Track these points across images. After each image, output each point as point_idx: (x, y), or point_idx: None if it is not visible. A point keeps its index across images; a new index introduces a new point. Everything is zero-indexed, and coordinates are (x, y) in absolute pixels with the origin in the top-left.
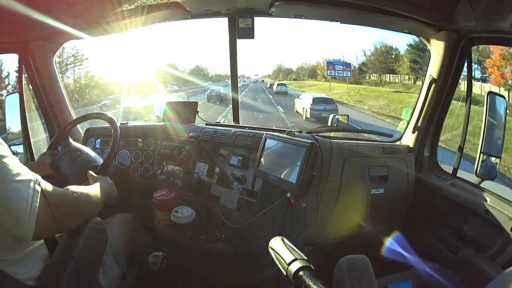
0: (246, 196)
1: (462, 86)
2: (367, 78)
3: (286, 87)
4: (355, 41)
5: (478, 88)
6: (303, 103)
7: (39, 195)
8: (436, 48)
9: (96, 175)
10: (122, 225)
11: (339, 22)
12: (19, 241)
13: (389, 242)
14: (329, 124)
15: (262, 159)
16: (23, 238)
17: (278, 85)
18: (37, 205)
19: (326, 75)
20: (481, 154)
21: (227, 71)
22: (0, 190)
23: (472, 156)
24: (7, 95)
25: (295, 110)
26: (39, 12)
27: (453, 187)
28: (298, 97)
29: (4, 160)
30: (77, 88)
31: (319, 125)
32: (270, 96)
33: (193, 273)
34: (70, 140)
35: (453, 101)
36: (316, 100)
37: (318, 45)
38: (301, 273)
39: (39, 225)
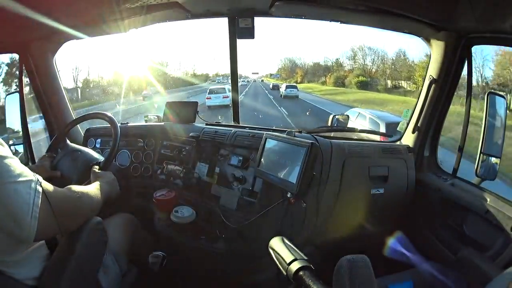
0: (246, 196)
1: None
2: None
3: (297, 90)
4: None
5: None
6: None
7: (40, 196)
8: (436, 48)
9: (99, 171)
10: (123, 225)
11: (339, 22)
12: (20, 242)
13: (389, 242)
14: (329, 124)
15: (262, 159)
16: (25, 239)
17: (287, 87)
18: (39, 206)
19: None
20: (481, 154)
21: (209, 70)
22: (1, 191)
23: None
24: (7, 95)
25: None
26: (39, 12)
27: (453, 187)
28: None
29: (5, 161)
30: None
31: None
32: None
33: (193, 273)
34: (68, 141)
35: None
36: None
37: None
38: (301, 273)
39: (40, 226)
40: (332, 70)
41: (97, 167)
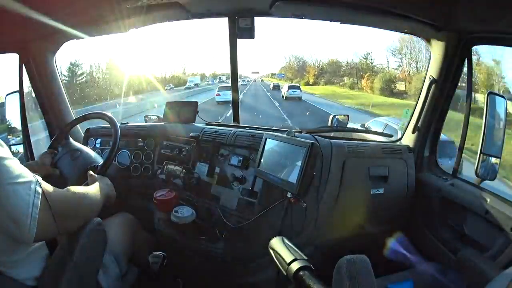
0: (246, 196)
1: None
2: None
3: (300, 91)
4: None
5: None
6: None
7: (40, 197)
8: (436, 48)
9: (95, 175)
10: (123, 225)
11: (339, 22)
12: (20, 243)
13: (389, 242)
14: (329, 124)
15: (262, 159)
16: (25, 240)
17: (289, 88)
18: (38, 207)
19: None
20: (481, 155)
21: (206, 70)
22: (0, 192)
23: None
24: (7, 95)
25: None
26: (39, 12)
27: (453, 187)
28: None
29: (4, 162)
30: None
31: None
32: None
33: (193, 273)
34: (70, 139)
35: None
36: None
37: None
38: (301, 273)
39: (40, 227)
40: (371, 71)
41: (91, 172)
